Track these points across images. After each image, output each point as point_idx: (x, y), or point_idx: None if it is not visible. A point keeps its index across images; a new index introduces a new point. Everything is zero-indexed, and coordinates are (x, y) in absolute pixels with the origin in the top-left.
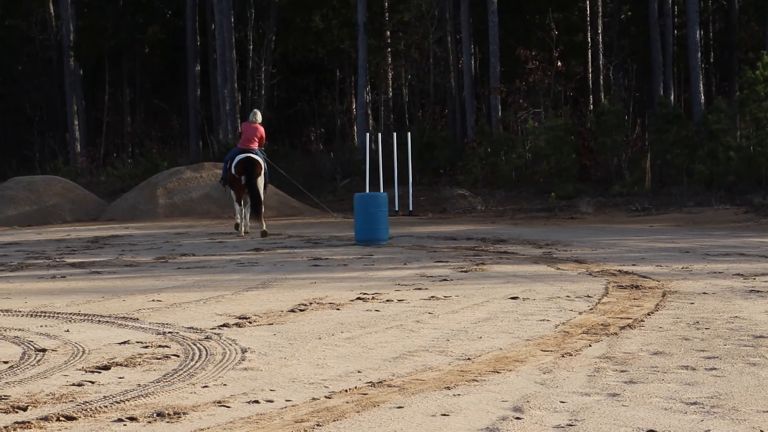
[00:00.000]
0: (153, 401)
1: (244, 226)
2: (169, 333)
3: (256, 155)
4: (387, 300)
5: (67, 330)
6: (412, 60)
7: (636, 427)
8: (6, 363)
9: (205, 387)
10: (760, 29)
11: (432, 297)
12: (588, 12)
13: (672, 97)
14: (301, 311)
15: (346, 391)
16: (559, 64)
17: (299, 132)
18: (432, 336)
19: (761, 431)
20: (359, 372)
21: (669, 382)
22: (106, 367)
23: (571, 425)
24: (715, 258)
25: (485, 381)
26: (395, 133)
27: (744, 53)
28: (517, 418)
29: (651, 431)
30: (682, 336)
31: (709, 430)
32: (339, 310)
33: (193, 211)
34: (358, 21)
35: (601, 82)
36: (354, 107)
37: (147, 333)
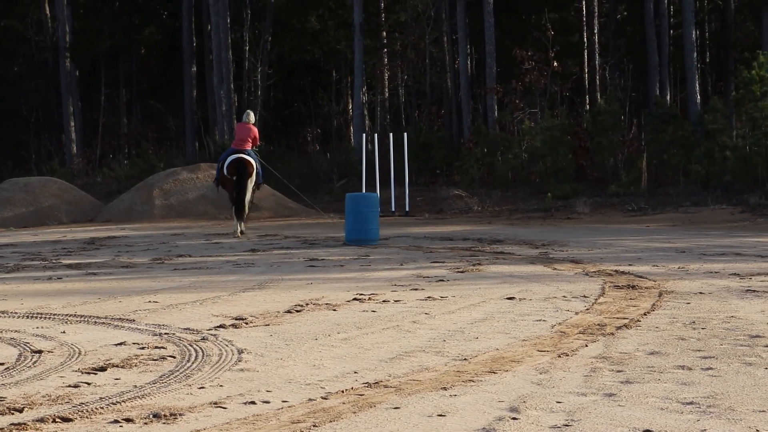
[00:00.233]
0: (149, 402)
1: (240, 226)
2: (166, 334)
3: (248, 156)
4: (383, 301)
5: (64, 331)
6: (408, 60)
7: (632, 427)
8: (2, 365)
9: (202, 388)
10: (755, 29)
11: (428, 297)
12: (584, 12)
13: (668, 97)
14: (298, 312)
15: (342, 392)
16: (556, 64)
17: (296, 133)
18: (428, 336)
19: (757, 431)
20: (356, 373)
21: (665, 382)
22: (102, 369)
23: (568, 425)
24: (712, 258)
25: (482, 381)
26: (392, 134)
27: (740, 53)
28: (514, 418)
29: (647, 431)
30: (678, 336)
31: (706, 429)
32: (335, 310)
33: (190, 212)
34: (354, 21)
35: (598, 82)
36: (350, 108)
37: (143, 334)
